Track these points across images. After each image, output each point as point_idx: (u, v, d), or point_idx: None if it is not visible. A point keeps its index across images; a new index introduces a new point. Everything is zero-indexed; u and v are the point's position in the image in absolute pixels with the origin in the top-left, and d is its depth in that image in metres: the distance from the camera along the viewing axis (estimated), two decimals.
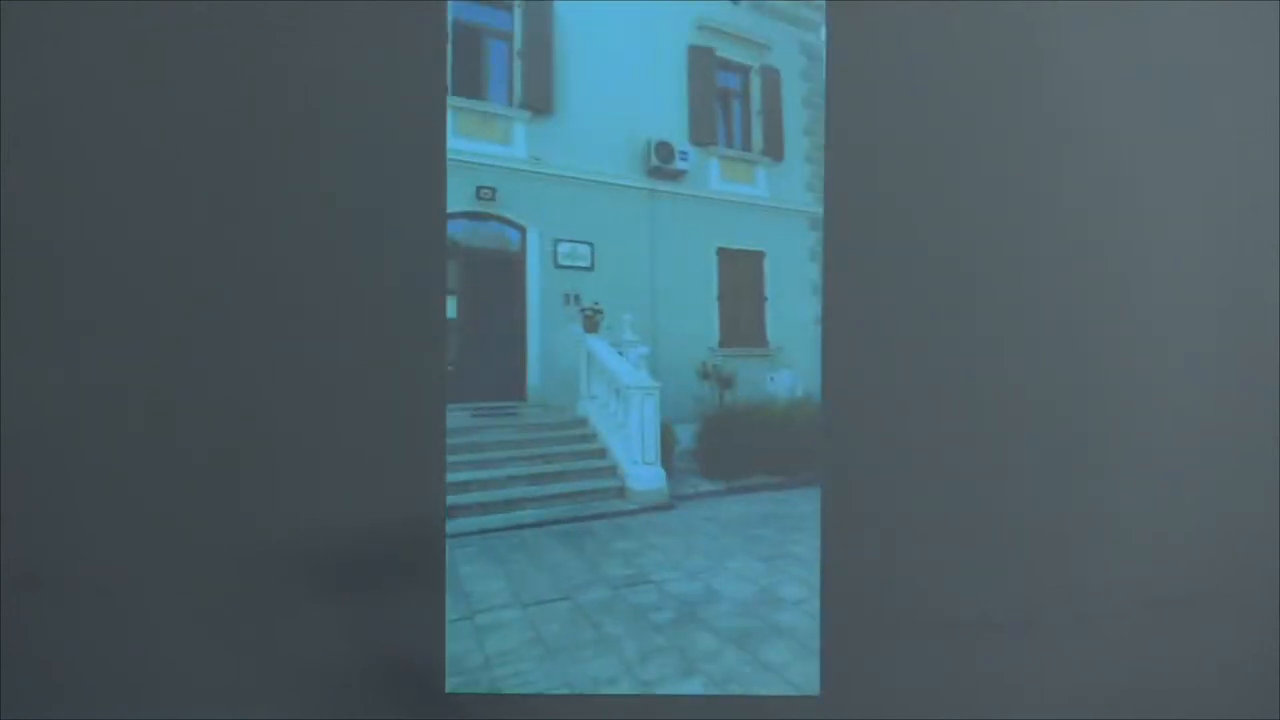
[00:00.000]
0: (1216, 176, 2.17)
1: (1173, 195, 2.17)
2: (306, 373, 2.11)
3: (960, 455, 2.16)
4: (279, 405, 2.11)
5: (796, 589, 2.24)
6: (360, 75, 2.11)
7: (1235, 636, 2.17)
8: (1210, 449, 2.17)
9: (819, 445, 2.19)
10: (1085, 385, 2.17)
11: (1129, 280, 2.17)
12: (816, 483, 2.14)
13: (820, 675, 2.18)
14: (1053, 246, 2.17)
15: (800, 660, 2.15)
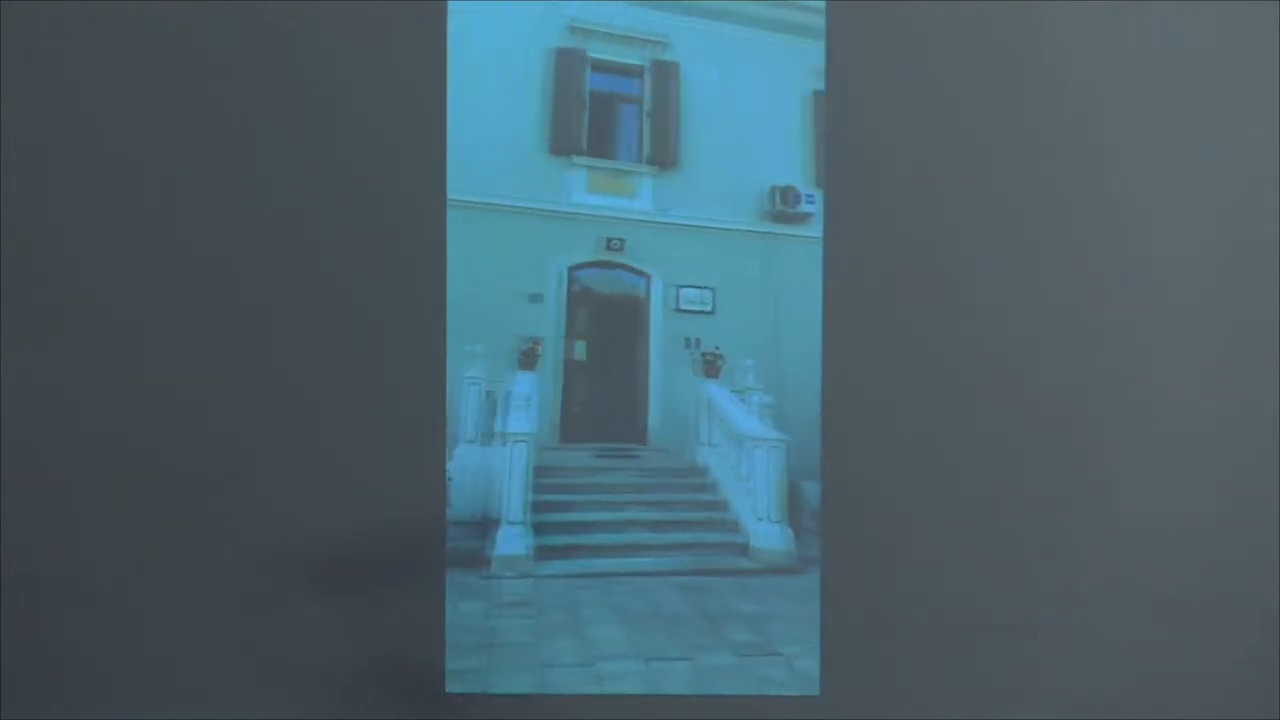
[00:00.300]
0: (1217, 177, 2.17)
1: (1173, 196, 2.17)
2: (307, 373, 2.11)
3: (960, 455, 2.16)
4: (279, 406, 2.11)
5: None
6: (361, 76, 2.11)
7: (1235, 636, 2.17)
8: (1210, 449, 2.17)
9: (820, 446, 2.19)
10: (1086, 385, 2.17)
11: (1129, 281, 2.17)
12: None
13: (820, 675, 2.18)
14: (1053, 248, 2.17)
15: None
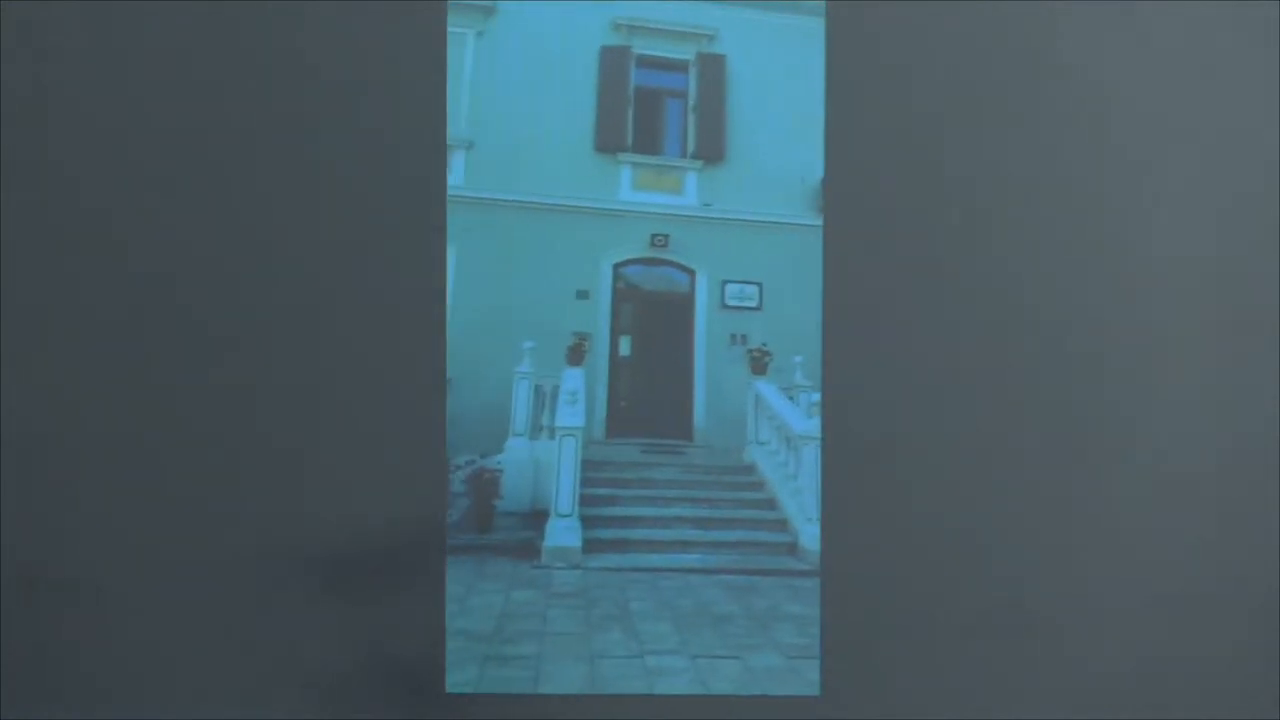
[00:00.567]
0: (1217, 177, 2.17)
1: (1174, 196, 2.17)
2: (307, 374, 2.12)
3: (960, 455, 2.16)
4: (280, 406, 2.11)
5: None
6: (362, 76, 2.11)
7: (1235, 636, 2.17)
8: (1210, 449, 2.17)
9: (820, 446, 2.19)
10: (1086, 385, 2.17)
11: (1130, 281, 2.17)
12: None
13: (820, 675, 2.18)
14: (1053, 248, 2.17)
15: None
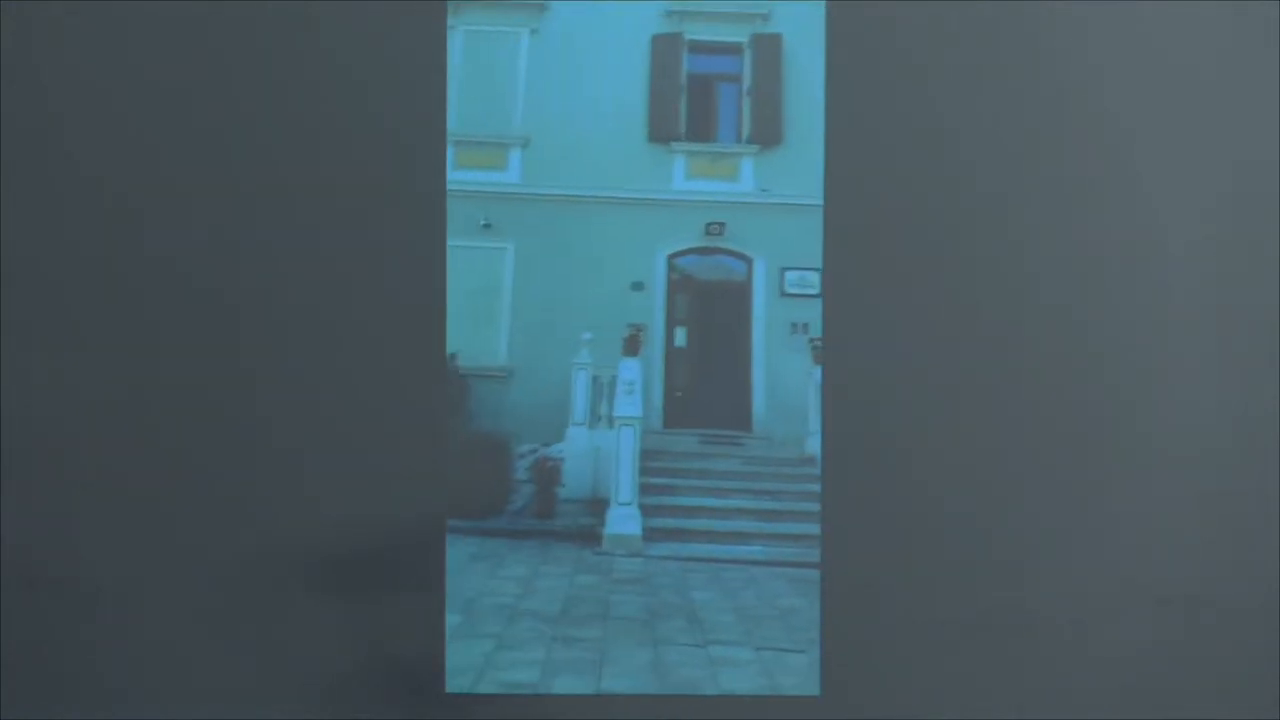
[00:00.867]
0: (1219, 176, 2.17)
1: (1175, 195, 2.17)
2: (307, 372, 2.11)
3: (961, 455, 2.16)
4: (279, 405, 2.11)
5: None
6: (361, 75, 2.11)
7: (1235, 636, 2.17)
8: (1210, 449, 2.17)
9: (820, 445, 2.19)
10: (1086, 385, 2.17)
11: (1130, 279, 2.17)
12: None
13: (820, 675, 2.18)
14: (1054, 246, 2.17)
15: None
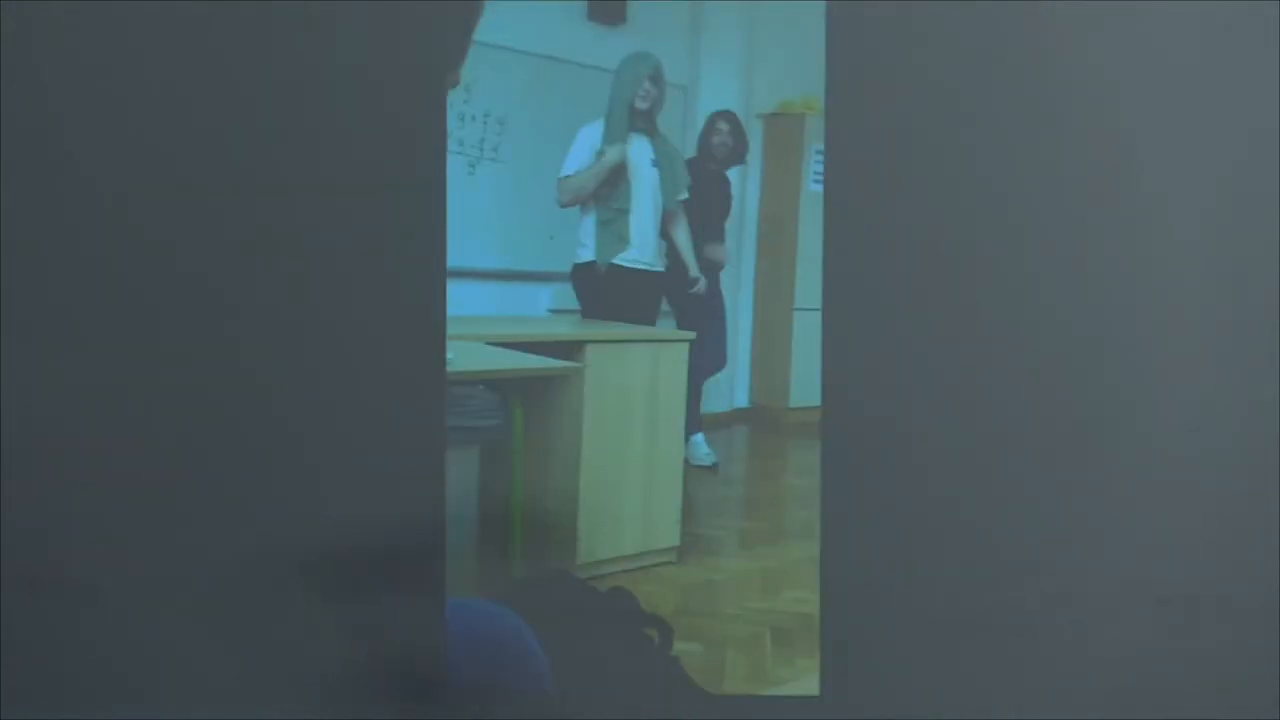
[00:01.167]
0: (1220, 175, 2.17)
1: (1176, 195, 2.17)
2: (307, 372, 2.12)
3: (961, 454, 2.16)
4: (279, 404, 2.11)
5: None
6: (363, 75, 2.11)
7: (1235, 636, 2.17)
8: (1210, 449, 2.17)
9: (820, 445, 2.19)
10: (1086, 385, 2.17)
11: (1130, 279, 2.17)
12: None
13: (820, 675, 2.18)
14: (1054, 246, 2.17)
15: None
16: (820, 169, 2.23)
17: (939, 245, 2.17)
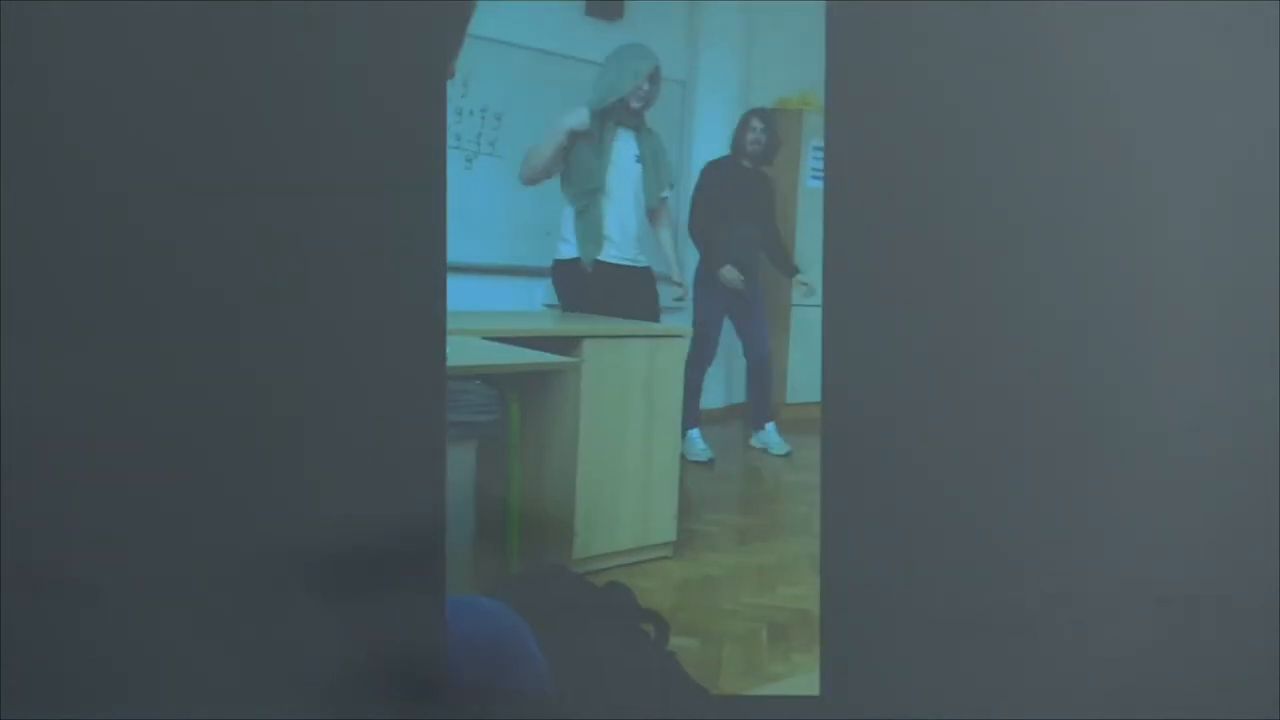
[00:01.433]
0: (1219, 175, 2.17)
1: (1176, 195, 2.17)
2: (307, 371, 2.11)
3: (960, 454, 2.16)
4: (279, 404, 2.11)
5: None
6: (363, 74, 2.11)
7: (1235, 636, 2.17)
8: (1210, 449, 2.17)
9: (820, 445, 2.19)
10: (1086, 385, 2.17)
11: (1129, 280, 2.17)
12: None
13: (820, 675, 2.18)
14: (1054, 246, 2.17)
15: None
16: (818, 164, 2.23)
17: (938, 242, 2.17)
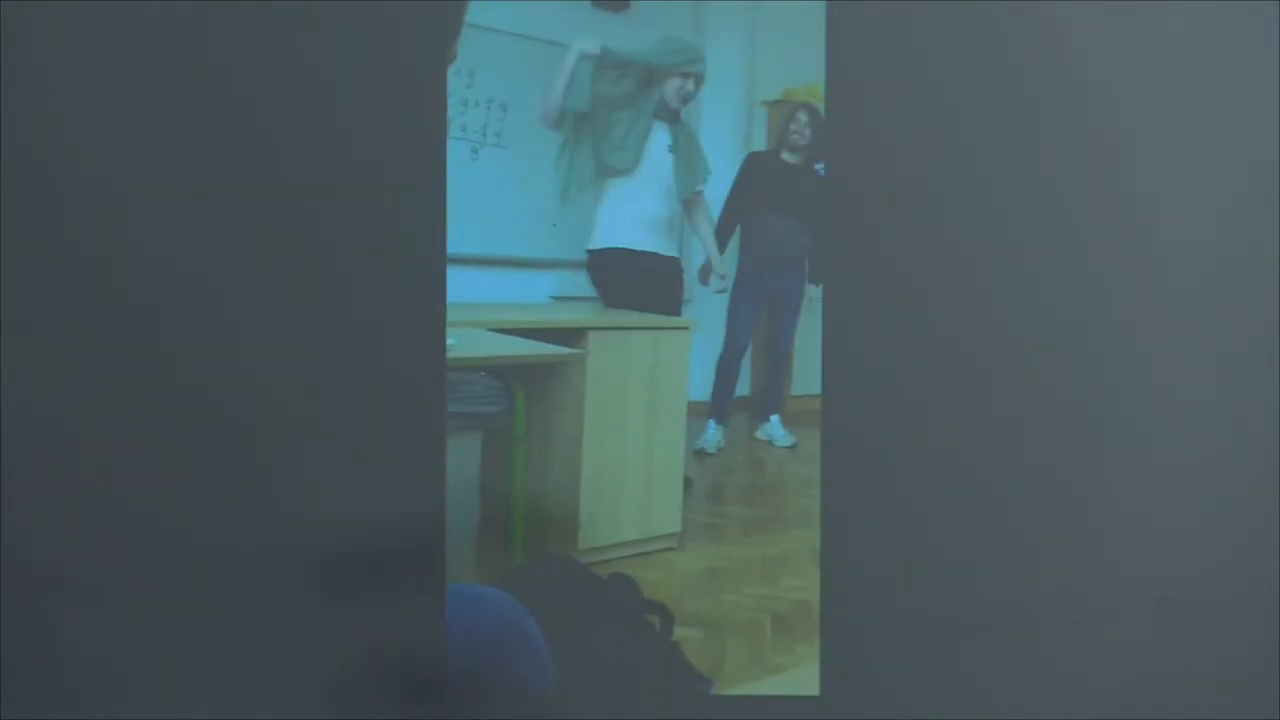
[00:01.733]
0: (1219, 175, 2.16)
1: (1177, 195, 2.16)
2: (307, 371, 2.11)
3: (961, 455, 2.16)
4: (279, 404, 2.11)
5: None
6: (363, 74, 2.11)
7: (1235, 636, 2.17)
8: (1210, 449, 2.17)
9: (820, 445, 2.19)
10: (1086, 385, 2.17)
11: (1129, 280, 2.16)
12: None
13: (820, 675, 2.18)
14: (1054, 244, 2.16)
15: None
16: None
17: (938, 239, 2.16)
